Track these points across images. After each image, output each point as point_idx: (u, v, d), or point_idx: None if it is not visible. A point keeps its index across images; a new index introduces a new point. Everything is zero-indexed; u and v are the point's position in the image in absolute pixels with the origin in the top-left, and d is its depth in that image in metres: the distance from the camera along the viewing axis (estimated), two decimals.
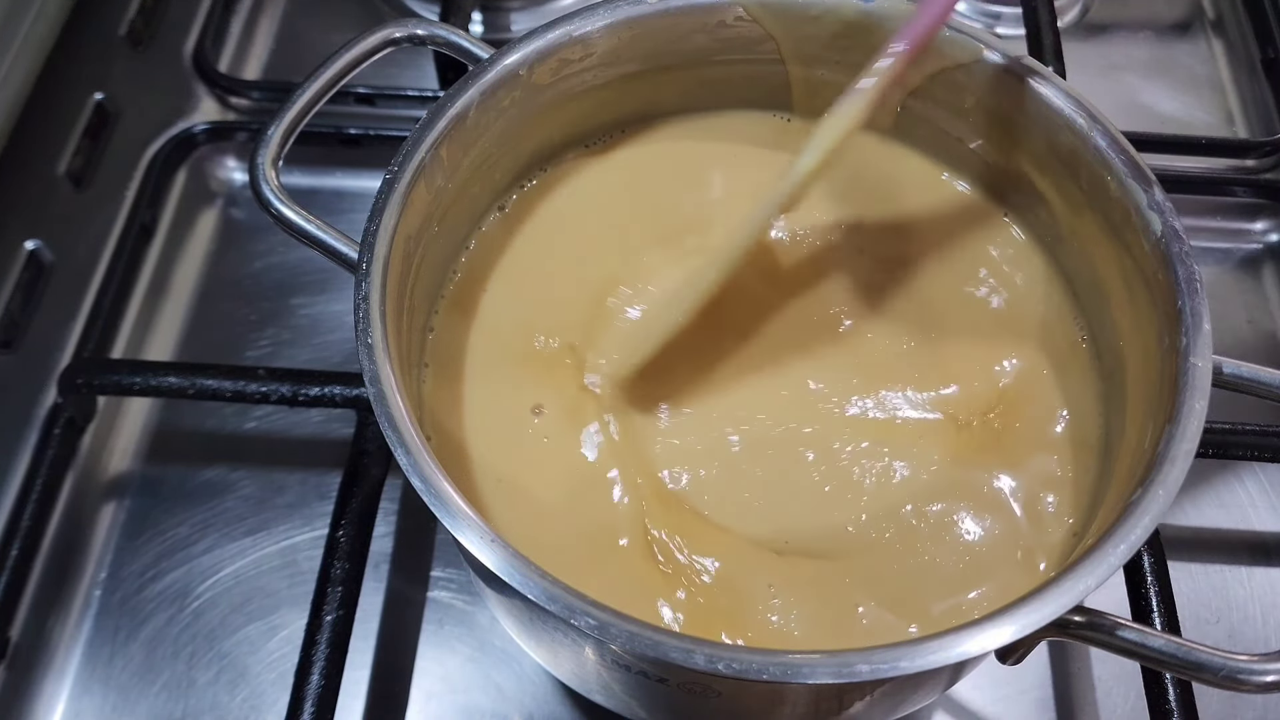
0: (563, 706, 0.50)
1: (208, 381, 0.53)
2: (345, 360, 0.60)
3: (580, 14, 0.45)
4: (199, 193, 0.67)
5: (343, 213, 0.66)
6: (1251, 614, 0.53)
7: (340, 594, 0.48)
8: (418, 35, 0.45)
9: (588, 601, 0.32)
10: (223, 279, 0.64)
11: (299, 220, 0.41)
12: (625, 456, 0.43)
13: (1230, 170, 0.68)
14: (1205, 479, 0.57)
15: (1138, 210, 0.40)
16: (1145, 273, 0.40)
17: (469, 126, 0.43)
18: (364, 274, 0.38)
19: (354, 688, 0.50)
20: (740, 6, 0.45)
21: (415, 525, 0.55)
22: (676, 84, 0.49)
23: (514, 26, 0.75)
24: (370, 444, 0.52)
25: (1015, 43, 0.51)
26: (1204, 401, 0.36)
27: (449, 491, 0.34)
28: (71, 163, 0.64)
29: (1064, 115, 0.42)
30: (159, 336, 0.62)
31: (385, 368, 0.36)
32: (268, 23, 0.75)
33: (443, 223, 0.44)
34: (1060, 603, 0.32)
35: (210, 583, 0.53)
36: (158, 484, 0.56)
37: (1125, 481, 0.37)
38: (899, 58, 0.41)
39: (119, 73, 0.69)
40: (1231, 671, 0.33)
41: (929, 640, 0.32)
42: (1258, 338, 0.62)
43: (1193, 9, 0.77)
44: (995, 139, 0.46)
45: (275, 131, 0.42)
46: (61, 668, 0.51)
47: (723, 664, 0.31)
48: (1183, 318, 0.37)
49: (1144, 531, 0.33)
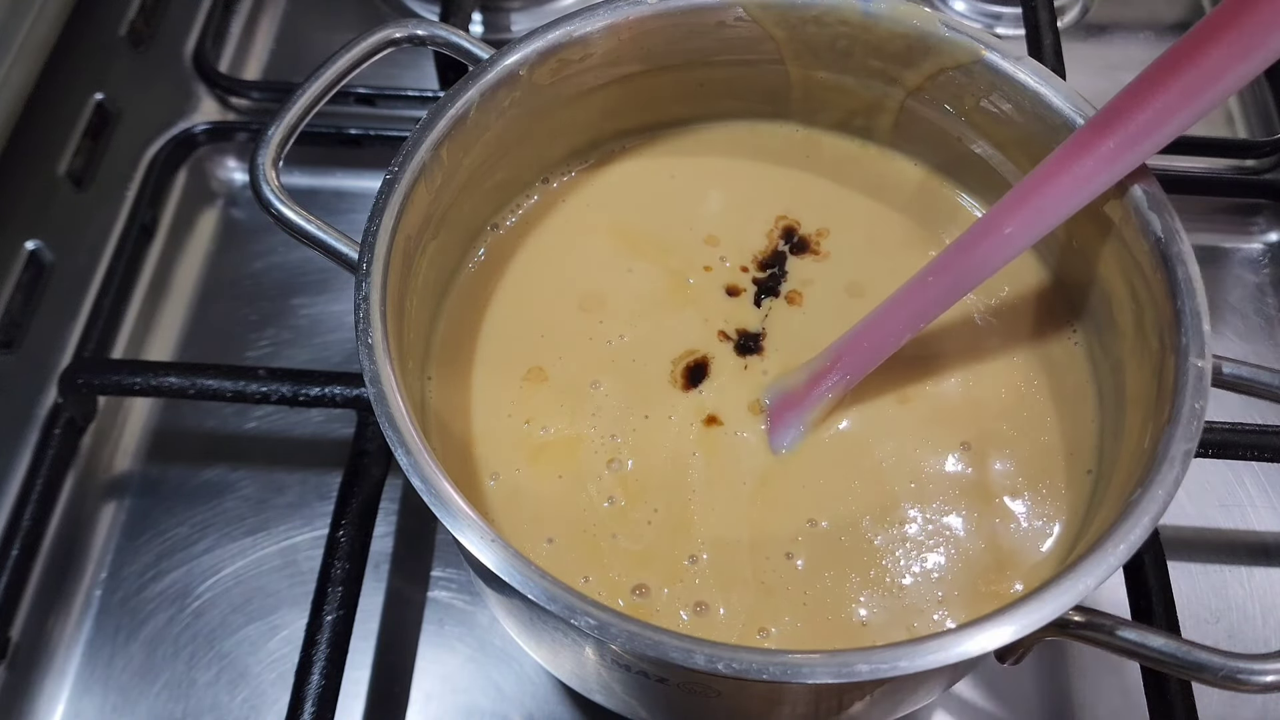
0: (563, 706, 0.50)
1: (208, 381, 0.53)
2: (345, 360, 0.60)
3: (580, 14, 0.45)
4: (199, 193, 0.67)
5: (343, 213, 0.66)
6: (1251, 614, 0.53)
7: (340, 594, 0.48)
8: (418, 35, 0.45)
9: (588, 601, 0.32)
10: (223, 279, 0.64)
11: (299, 220, 0.41)
12: (625, 455, 0.43)
13: (1230, 170, 0.68)
14: (1205, 479, 0.57)
15: (1138, 210, 0.40)
16: (1145, 273, 0.40)
17: (469, 127, 0.43)
18: (364, 274, 0.38)
19: (354, 688, 0.50)
20: (740, 6, 0.45)
21: (415, 525, 0.55)
22: (677, 85, 0.49)
23: (514, 27, 0.75)
24: (370, 444, 0.52)
25: (1015, 43, 0.51)
26: (1204, 401, 0.36)
27: (449, 491, 0.34)
28: (72, 163, 0.64)
29: (1064, 115, 0.42)
30: (159, 336, 0.62)
31: (385, 368, 0.36)
32: (268, 23, 0.75)
33: (444, 224, 0.44)
34: (1060, 602, 0.32)
35: (210, 583, 0.53)
36: (158, 484, 0.56)
37: (1125, 481, 0.37)
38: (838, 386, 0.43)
39: (119, 73, 0.69)
40: (1231, 671, 0.33)
41: (929, 640, 0.32)
42: (1258, 338, 0.62)
43: (1193, 9, 0.77)
44: (995, 140, 0.46)
45: (275, 132, 0.42)
46: (62, 668, 0.51)
47: (723, 664, 0.31)
48: (1182, 318, 0.37)
49: (1144, 531, 0.33)
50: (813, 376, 0.43)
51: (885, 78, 0.47)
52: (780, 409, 0.44)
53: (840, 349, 0.43)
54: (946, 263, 0.41)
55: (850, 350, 0.43)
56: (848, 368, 0.42)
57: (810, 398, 0.43)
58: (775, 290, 0.47)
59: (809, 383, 0.43)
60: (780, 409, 0.44)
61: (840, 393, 0.43)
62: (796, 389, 0.43)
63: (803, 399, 0.43)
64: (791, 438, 0.43)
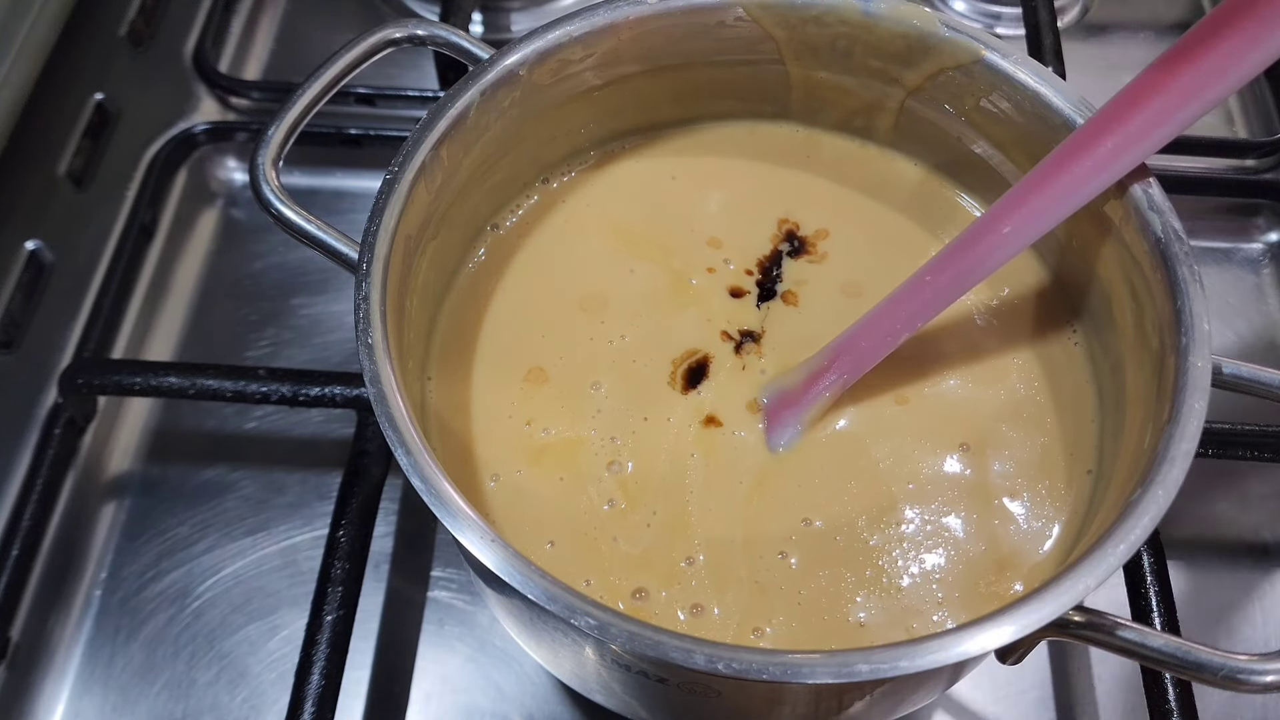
0: (563, 706, 0.50)
1: (208, 381, 0.53)
2: (345, 360, 0.60)
3: (580, 14, 0.45)
4: (199, 193, 0.67)
5: (343, 213, 0.66)
6: (1251, 614, 0.53)
7: (340, 594, 0.48)
8: (418, 35, 0.45)
9: (588, 601, 0.32)
10: (223, 279, 0.64)
11: (299, 220, 0.41)
12: (625, 457, 0.43)
13: (1230, 170, 0.68)
14: (1205, 479, 0.57)
15: (1138, 210, 0.40)
16: (1145, 273, 0.40)
17: (469, 127, 0.43)
18: (364, 274, 0.38)
19: (354, 688, 0.50)
20: (740, 7, 0.45)
21: (415, 525, 0.55)
22: (677, 85, 0.49)
23: (514, 27, 0.75)
24: (370, 444, 0.52)
25: (1015, 43, 0.51)
26: (1204, 401, 0.36)
27: (449, 492, 0.34)
28: (72, 163, 0.64)
29: (1064, 115, 0.42)
30: (159, 336, 0.62)
31: (385, 368, 0.36)
32: (268, 23, 0.75)
33: (444, 224, 0.44)
34: (1060, 602, 0.32)
35: (210, 583, 0.53)
36: (158, 484, 0.56)
37: (1125, 481, 0.37)
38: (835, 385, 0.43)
39: (119, 73, 0.69)
40: (1231, 671, 0.33)
41: (929, 640, 0.32)
42: (1258, 338, 0.62)
43: (1193, 9, 0.77)
44: (995, 140, 0.46)
45: (275, 132, 0.42)
46: (62, 668, 0.51)
47: (723, 664, 0.31)
48: (1182, 318, 0.37)
49: (1144, 531, 0.33)
50: (810, 375, 0.43)
51: (885, 78, 0.47)
52: (777, 408, 0.44)
53: (838, 348, 0.43)
54: (945, 262, 0.41)
55: (848, 349, 0.42)
56: (845, 367, 0.42)
57: (808, 397, 0.43)
58: (773, 291, 0.47)
59: (806, 382, 0.43)
60: (777, 408, 0.44)
61: (837, 392, 0.43)
62: (794, 388, 0.43)
63: (800, 398, 0.43)
64: (789, 437, 0.43)
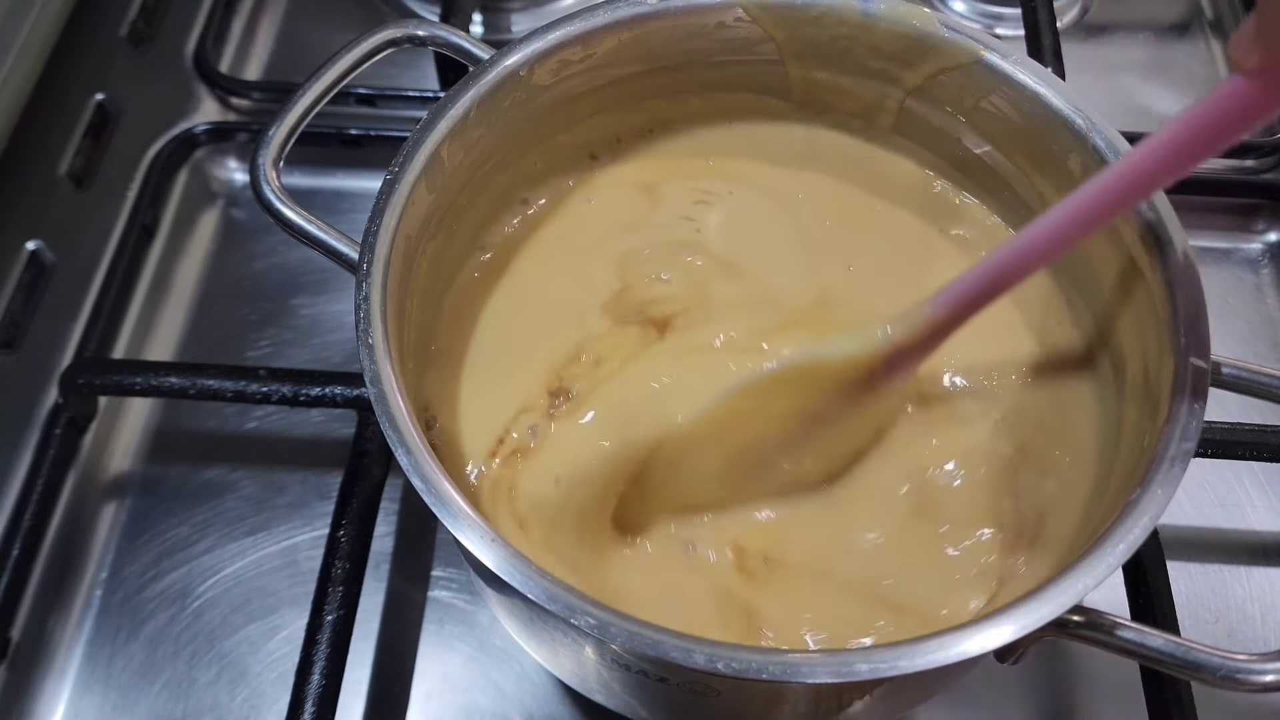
0: (563, 706, 0.50)
1: (208, 381, 0.53)
2: (346, 360, 0.60)
3: (580, 14, 0.45)
4: (200, 193, 0.67)
5: (343, 213, 0.66)
6: (1251, 614, 0.53)
7: (341, 594, 0.48)
8: (418, 36, 0.45)
9: (588, 601, 0.32)
10: (223, 279, 0.64)
11: (300, 221, 0.41)
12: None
13: (1230, 170, 0.68)
14: (1205, 479, 0.57)
15: (1137, 210, 0.40)
16: (1144, 273, 0.40)
17: (469, 127, 0.43)
18: (365, 274, 0.38)
19: (354, 687, 0.50)
20: (740, 7, 0.45)
21: (416, 525, 0.55)
22: (677, 85, 0.49)
23: (514, 27, 0.75)
24: (371, 444, 0.52)
25: (1015, 43, 0.51)
26: (1204, 401, 0.36)
27: (449, 491, 0.34)
28: (73, 163, 0.64)
29: (1063, 116, 0.42)
30: (160, 337, 0.62)
31: (386, 368, 0.36)
32: (268, 23, 0.75)
33: (445, 224, 0.44)
34: (1059, 602, 0.32)
35: (211, 583, 0.53)
36: (158, 484, 0.56)
37: (1125, 481, 0.37)
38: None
39: (120, 73, 0.69)
40: (1230, 671, 0.33)
41: (929, 640, 0.32)
42: (1258, 338, 0.62)
43: (1192, 9, 0.77)
44: (994, 140, 0.46)
45: (276, 132, 0.42)
46: (62, 668, 0.51)
47: (722, 663, 0.31)
48: (1182, 318, 0.37)
49: (1143, 531, 0.33)
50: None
51: (885, 78, 0.47)
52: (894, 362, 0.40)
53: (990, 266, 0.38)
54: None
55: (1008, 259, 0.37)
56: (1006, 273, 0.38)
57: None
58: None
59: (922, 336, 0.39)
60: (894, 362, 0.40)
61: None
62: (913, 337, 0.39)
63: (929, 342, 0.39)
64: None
